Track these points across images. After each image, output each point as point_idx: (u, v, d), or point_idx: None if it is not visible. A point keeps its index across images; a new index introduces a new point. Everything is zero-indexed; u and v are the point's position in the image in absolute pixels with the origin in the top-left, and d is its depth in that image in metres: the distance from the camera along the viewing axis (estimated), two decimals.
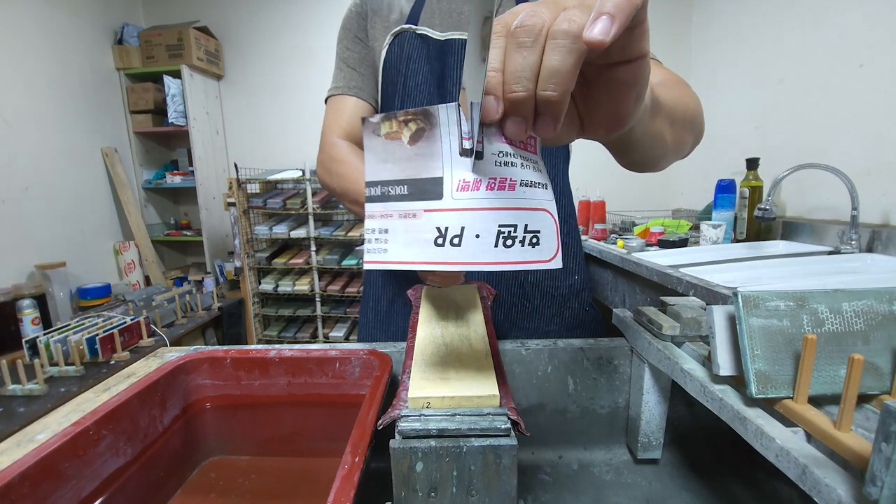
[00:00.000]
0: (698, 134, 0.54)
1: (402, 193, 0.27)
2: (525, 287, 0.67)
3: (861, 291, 0.33)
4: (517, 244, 0.25)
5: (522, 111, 0.23)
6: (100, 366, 0.74)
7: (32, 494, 0.32)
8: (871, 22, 1.25)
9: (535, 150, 0.27)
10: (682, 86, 0.54)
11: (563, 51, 0.21)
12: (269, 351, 0.51)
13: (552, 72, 0.22)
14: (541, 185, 0.27)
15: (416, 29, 0.64)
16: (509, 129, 0.24)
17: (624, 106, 0.26)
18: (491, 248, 0.25)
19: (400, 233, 0.27)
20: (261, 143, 2.79)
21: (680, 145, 0.49)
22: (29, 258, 2.01)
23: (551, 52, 0.22)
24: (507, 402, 0.33)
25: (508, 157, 0.25)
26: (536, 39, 0.22)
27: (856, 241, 1.18)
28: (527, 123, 0.23)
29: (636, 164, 0.46)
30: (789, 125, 1.57)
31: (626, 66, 0.25)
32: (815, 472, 0.25)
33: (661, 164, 0.48)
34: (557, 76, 0.21)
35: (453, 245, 0.25)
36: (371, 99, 0.69)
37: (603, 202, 1.80)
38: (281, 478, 0.48)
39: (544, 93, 0.22)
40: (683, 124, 0.48)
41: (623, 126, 0.27)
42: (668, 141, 0.45)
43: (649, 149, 0.42)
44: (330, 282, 2.51)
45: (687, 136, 0.51)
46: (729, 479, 0.48)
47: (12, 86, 1.96)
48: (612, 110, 0.26)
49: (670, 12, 2.32)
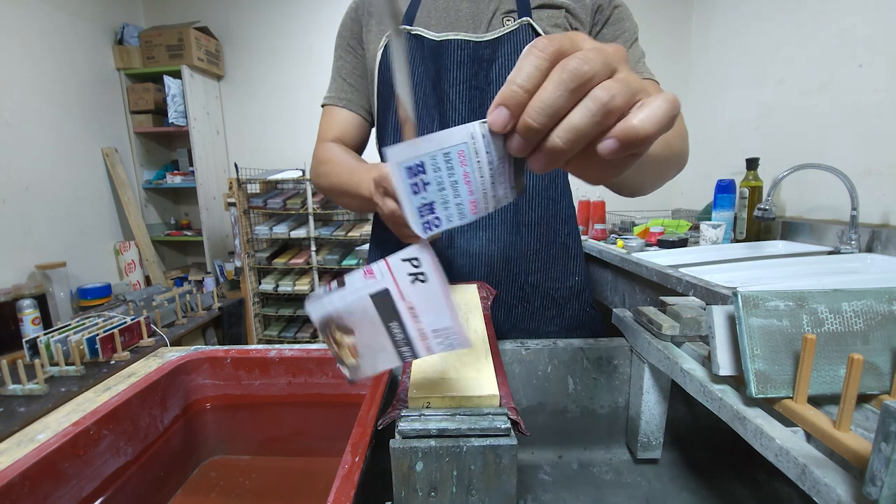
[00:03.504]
0: (681, 165, 0.58)
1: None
2: (525, 288, 0.67)
3: (860, 291, 0.33)
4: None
5: (530, 138, 0.24)
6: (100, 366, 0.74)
7: (32, 494, 0.32)
8: (871, 22, 1.25)
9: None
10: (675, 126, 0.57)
11: (592, 120, 0.22)
12: (270, 351, 0.51)
13: (571, 128, 0.22)
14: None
15: (411, 29, 0.64)
16: (514, 143, 0.24)
17: (605, 175, 0.27)
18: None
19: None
20: (261, 143, 2.79)
21: (659, 181, 0.54)
22: (29, 258, 2.01)
23: (581, 112, 0.22)
24: (507, 402, 0.33)
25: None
26: (579, 89, 0.22)
27: (855, 241, 1.18)
28: (529, 147, 0.24)
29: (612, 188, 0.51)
30: (789, 125, 1.57)
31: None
32: (814, 472, 0.25)
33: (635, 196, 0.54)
34: (573, 134, 0.22)
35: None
36: (360, 110, 0.72)
37: (603, 202, 1.80)
38: (281, 478, 0.48)
39: (555, 139, 0.23)
40: (668, 164, 0.53)
41: (599, 184, 0.29)
42: (646, 184, 0.52)
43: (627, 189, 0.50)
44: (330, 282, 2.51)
45: (669, 172, 0.55)
46: (729, 479, 0.48)
47: (13, 86, 1.96)
48: (595, 172, 0.28)
49: (670, 13, 2.32)
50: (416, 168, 0.26)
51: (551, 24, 0.62)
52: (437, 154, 0.26)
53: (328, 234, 2.40)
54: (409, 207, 0.27)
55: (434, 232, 0.27)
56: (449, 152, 0.26)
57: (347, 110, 0.71)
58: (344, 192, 0.60)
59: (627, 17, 0.64)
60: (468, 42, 0.62)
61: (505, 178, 0.27)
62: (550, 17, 0.62)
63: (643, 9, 2.29)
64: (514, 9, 0.62)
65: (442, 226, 0.27)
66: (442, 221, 0.27)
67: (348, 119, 0.71)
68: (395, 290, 0.29)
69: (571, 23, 0.62)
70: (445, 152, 0.26)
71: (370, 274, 0.29)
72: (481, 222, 0.65)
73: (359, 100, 0.71)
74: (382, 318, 0.30)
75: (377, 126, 0.72)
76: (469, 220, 0.27)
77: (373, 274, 0.29)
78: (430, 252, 0.28)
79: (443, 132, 0.25)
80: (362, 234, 2.38)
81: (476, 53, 0.62)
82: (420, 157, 0.26)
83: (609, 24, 0.63)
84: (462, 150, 0.26)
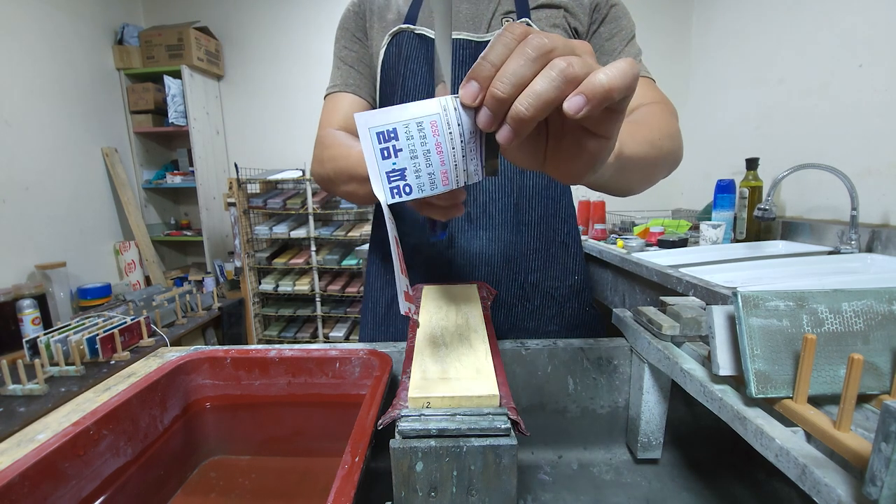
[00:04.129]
0: (673, 165, 0.57)
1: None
2: (525, 288, 0.67)
3: (860, 291, 0.33)
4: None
5: (495, 109, 0.25)
6: (100, 365, 0.74)
7: (32, 494, 0.32)
8: (871, 22, 1.25)
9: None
10: (663, 120, 0.57)
11: (550, 84, 0.24)
12: (270, 351, 0.51)
13: (532, 94, 0.24)
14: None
15: (414, 29, 0.64)
16: (481, 117, 0.26)
17: (579, 168, 0.29)
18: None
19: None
20: (261, 143, 2.79)
21: (647, 182, 0.54)
22: (29, 258, 2.01)
23: (541, 78, 0.24)
24: (507, 402, 0.33)
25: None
26: (539, 59, 0.24)
27: (855, 241, 1.18)
28: (495, 121, 0.25)
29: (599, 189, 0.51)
30: (789, 125, 1.57)
31: (592, 136, 0.27)
32: (814, 472, 0.25)
33: (626, 196, 0.53)
34: (535, 99, 0.24)
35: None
36: (368, 97, 0.68)
37: (603, 202, 1.80)
38: (281, 478, 0.48)
39: (518, 107, 0.24)
40: (655, 166, 0.52)
41: (574, 183, 0.30)
42: (633, 185, 0.51)
43: (613, 190, 0.50)
44: (330, 282, 2.51)
45: (658, 172, 0.55)
46: (729, 479, 0.48)
47: (13, 86, 1.96)
48: (568, 166, 0.29)
49: (670, 13, 2.32)
50: (388, 134, 0.26)
51: (550, 24, 0.62)
52: (411, 122, 0.26)
53: (328, 234, 2.40)
54: (376, 170, 0.27)
55: (402, 199, 0.28)
56: (422, 121, 0.26)
57: (355, 96, 0.67)
58: (351, 178, 0.55)
59: (624, 14, 0.64)
60: (469, 42, 0.62)
61: (476, 154, 0.28)
62: (549, 16, 0.62)
63: (643, 9, 2.29)
64: (512, 9, 0.62)
65: (412, 194, 0.27)
66: (413, 189, 0.27)
67: (355, 105, 0.67)
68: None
69: (570, 22, 0.63)
70: (419, 121, 0.26)
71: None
72: (481, 222, 0.65)
73: (367, 87, 0.68)
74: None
75: None
76: (440, 191, 0.28)
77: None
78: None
79: (416, 103, 0.26)
80: (362, 234, 2.38)
81: (476, 53, 0.62)
82: (393, 124, 0.26)
83: (606, 23, 0.63)
84: (434, 120, 0.26)
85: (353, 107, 0.67)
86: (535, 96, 0.24)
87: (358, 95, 0.67)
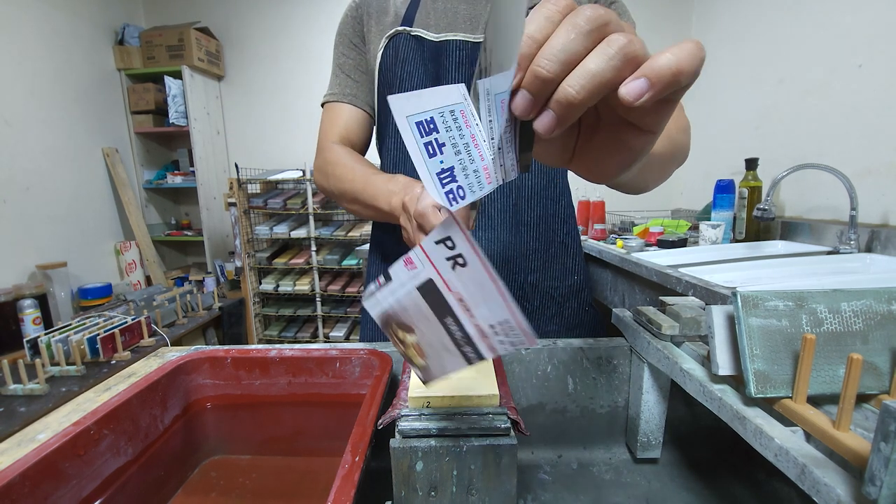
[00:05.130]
0: (682, 159, 0.58)
1: None
2: (525, 288, 0.67)
3: (860, 291, 0.33)
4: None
5: (538, 91, 0.20)
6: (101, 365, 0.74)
7: (33, 494, 0.32)
8: (871, 22, 1.25)
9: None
10: (677, 118, 0.56)
11: (609, 63, 0.19)
12: (270, 351, 0.51)
13: (586, 73, 0.20)
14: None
15: (410, 31, 0.64)
16: (518, 101, 0.21)
17: (612, 167, 0.25)
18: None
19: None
20: (261, 144, 2.79)
21: (662, 178, 0.54)
22: (30, 258, 2.01)
23: (596, 55, 0.20)
24: (507, 402, 0.33)
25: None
26: (593, 32, 0.20)
27: (855, 241, 1.18)
28: (535, 106, 0.21)
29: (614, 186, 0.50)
30: (789, 125, 1.57)
31: (635, 131, 0.23)
32: (814, 472, 0.25)
33: (639, 193, 0.53)
34: (588, 80, 0.20)
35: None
36: (366, 105, 0.70)
37: (602, 202, 1.80)
38: (281, 477, 0.48)
39: (567, 88, 0.20)
40: (672, 160, 0.52)
41: (602, 182, 0.27)
42: (650, 182, 0.51)
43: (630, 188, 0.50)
44: (330, 282, 2.51)
45: (671, 167, 0.55)
46: (729, 479, 0.48)
47: (13, 86, 1.96)
48: (602, 165, 0.26)
49: (670, 12, 2.32)
50: (427, 124, 0.22)
51: None
52: (444, 110, 0.22)
53: (328, 234, 2.40)
54: (427, 174, 0.23)
55: (460, 205, 0.23)
56: (454, 109, 0.22)
57: (352, 106, 0.69)
58: (355, 200, 0.59)
59: (624, 12, 0.64)
60: (466, 43, 0.62)
61: (512, 146, 0.23)
62: None
63: (643, 9, 2.29)
64: None
65: (467, 197, 0.23)
66: (466, 192, 0.23)
67: (352, 116, 0.69)
68: (439, 279, 0.25)
69: None
70: (451, 109, 0.22)
71: (410, 264, 0.26)
72: (481, 222, 0.65)
73: (364, 95, 0.69)
74: (436, 314, 0.26)
75: (377, 126, 0.72)
76: (487, 190, 0.23)
77: (413, 264, 0.26)
78: (463, 229, 0.23)
79: (445, 86, 0.22)
80: (362, 234, 2.38)
81: (475, 54, 0.62)
82: (429, 112, 0.22)
83: None
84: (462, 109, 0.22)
85: (352, 117, 0.69)
86: (590, 76, 0.19)
87: (355, 105, 0.69)
